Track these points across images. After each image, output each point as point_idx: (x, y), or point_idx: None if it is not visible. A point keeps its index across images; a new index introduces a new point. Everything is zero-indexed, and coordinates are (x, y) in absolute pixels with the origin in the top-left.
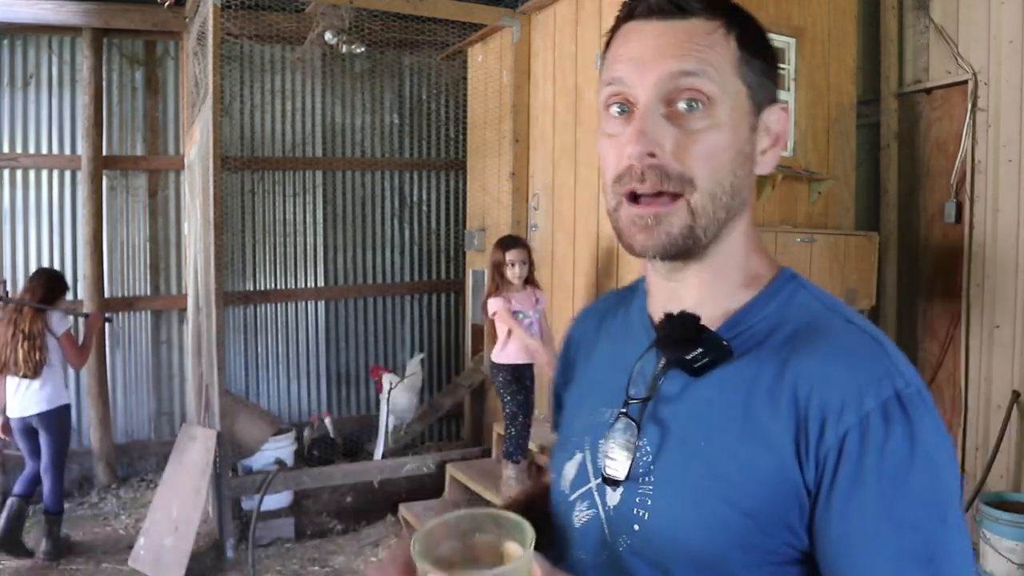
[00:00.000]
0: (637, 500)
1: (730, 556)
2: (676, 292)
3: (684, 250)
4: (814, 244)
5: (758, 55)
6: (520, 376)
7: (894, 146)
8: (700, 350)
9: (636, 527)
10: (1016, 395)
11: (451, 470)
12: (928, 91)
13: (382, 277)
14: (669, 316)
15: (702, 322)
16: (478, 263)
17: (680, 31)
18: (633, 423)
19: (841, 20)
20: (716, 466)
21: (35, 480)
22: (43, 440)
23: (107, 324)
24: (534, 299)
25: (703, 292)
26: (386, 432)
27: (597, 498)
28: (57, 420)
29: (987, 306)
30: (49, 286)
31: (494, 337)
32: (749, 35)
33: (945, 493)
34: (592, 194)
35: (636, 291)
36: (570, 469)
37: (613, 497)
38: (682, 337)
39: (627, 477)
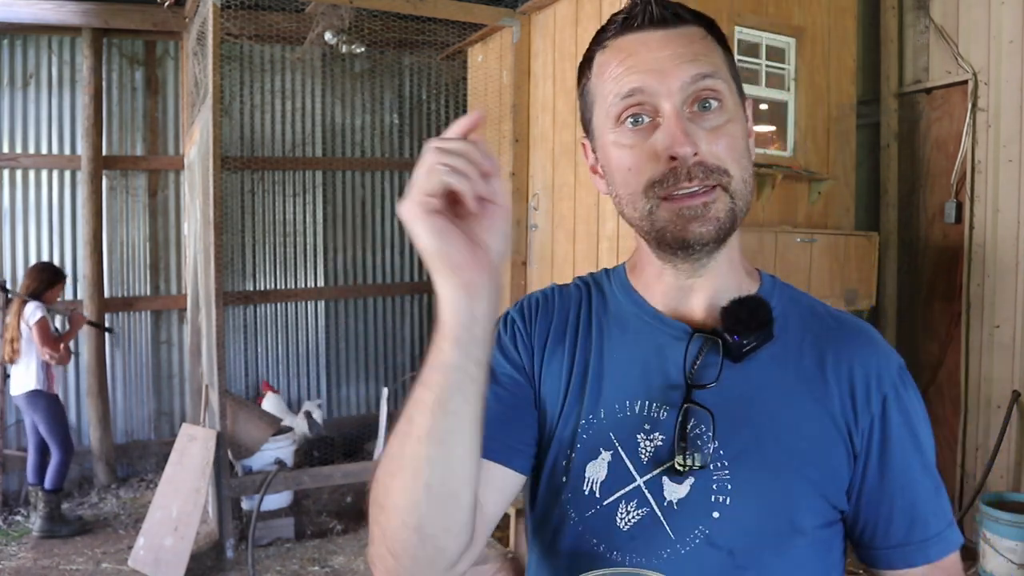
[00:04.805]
0: (715, 488)
1: (801, 524)
2: (692, 287)
3: (728, 232)
4: (814, 244)
5: (732, 57)
6: None
7: (894, 146)
8: (755, 334)
9: (716, 514)
10: (1016, 395)
11: None
12: (928, 91)
13: (382, 277)
14: (741, 300)
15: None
16: None
17: (683, 37)
18: (704, 411)
19: (841, 20)
20: (785, 442)
21: (38, 464)
22: (35, 421)
23: (103, 330)
24: None
25: (719, 283)
26: (386, 432)
27: (649, 495)
28: (33, 404)
29: (987, 306)
30: (40, 278)
31: None
32: (724, 41)
33: (932, 433)
34: (592, 193)
35: (600, 285)
36: (597, 470)
37: (677, 491)
38: (762, 318)
39: (703, 466)
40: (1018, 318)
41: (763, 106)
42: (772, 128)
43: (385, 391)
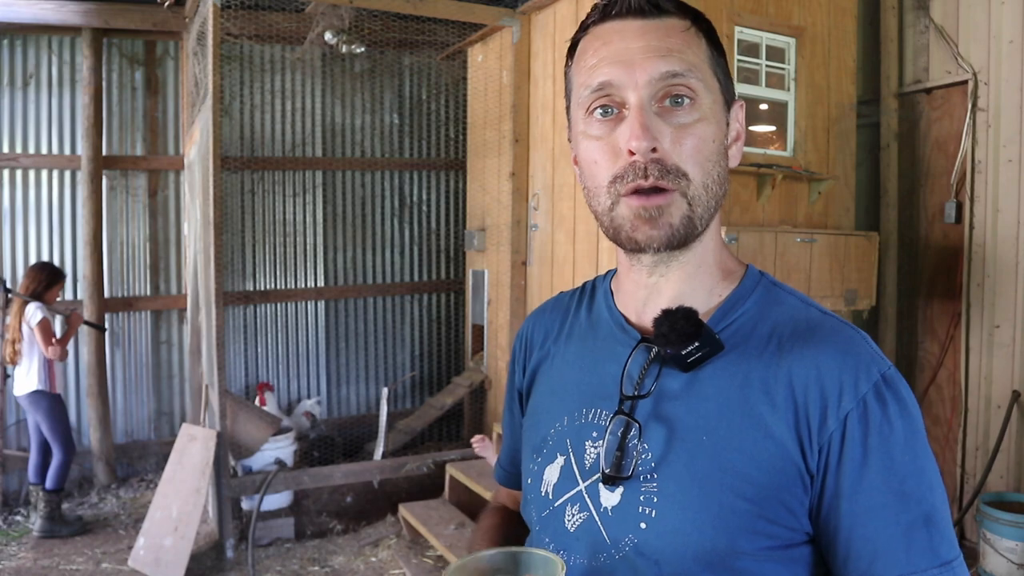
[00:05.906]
0: (642, 499)
1: (737, 545)
2: (656, 287)
3: (683, 239)
4: (814, 244)
5: (722, 55)
6: None
7: (894, 146)
8: (696, 344)
9: (643, 525)
10: (1016, 395)
11: (451, 470)
12: (928, 91)
13: (382, 277)
14: (668, 312)
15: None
16: (478, 263)
17: (660, 30)
18: (634, 422)
19: (841, 20)
20: (719, 458)
21: (40, 464)
22: (37, 420)
23: (96, 329)
24: None
25: (684, 286)
26: (386, 432)
27: (588, 500)
28: (36, 404)
29: (987, 306)
30: (39, 278)
31: None
32: (713, 36)
33: (930, 460)
34: None
35: (594, 290)
36: (552, 473)
37: (611, 498)
38: (685, 331)
39: (630, 476)
40: (1018, 318)
41: (763, 106)
42: (772, 128)
43: (385, 391)
